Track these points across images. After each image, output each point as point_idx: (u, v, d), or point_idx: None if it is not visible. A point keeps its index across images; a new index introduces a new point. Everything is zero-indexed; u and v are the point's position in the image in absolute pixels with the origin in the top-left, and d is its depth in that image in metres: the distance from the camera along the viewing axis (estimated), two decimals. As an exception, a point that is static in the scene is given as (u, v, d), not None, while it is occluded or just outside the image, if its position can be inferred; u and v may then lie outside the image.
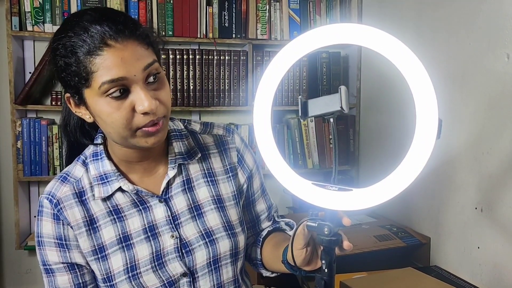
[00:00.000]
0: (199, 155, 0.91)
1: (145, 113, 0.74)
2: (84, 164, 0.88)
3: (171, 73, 2.09)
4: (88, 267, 0.86)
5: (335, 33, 0.62)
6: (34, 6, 1.95)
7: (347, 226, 0.68)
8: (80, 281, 0.86)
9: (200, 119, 2.26)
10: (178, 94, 2.11)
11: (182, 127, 0.93)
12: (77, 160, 0.89)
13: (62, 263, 0.84)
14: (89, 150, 0.89)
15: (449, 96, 1.54)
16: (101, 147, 0.87)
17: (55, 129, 2.02)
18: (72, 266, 0.85)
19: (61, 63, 0.74)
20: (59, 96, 2.05)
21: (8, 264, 2.19)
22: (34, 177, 2.02)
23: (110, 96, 0.72)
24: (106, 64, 0.70)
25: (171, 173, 0.87)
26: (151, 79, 0.75)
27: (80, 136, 0.89)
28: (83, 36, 0.71)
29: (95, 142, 0.88)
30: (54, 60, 0.75)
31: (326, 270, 0.69)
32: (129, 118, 0.74)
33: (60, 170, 2.02)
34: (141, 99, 0.73)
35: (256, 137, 0.70)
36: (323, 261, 0.69)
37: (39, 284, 2.21)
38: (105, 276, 0.84)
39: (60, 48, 0.73)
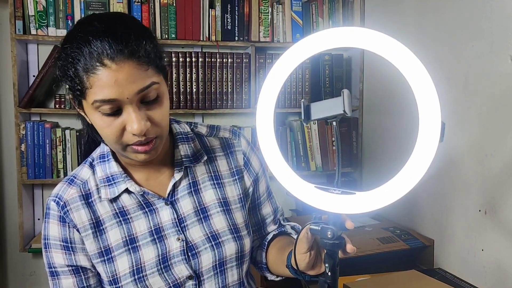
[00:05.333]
0: (205, 157, 0.92)
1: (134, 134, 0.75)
2: (91, 166, 0.89)
3: (174, 75, 2.10)
4: (94, 270, 0.87)
5: (338, 37, 0.62)
6: (38, 10, 1.96)
7: (350, 229, 0.68)
8: (85, 284, 0.86)
9: (203, 122, 2.26)
10: (181, 96, 2.11)
11: (189, 129, 0.93)
12: (85, 163, 0.90)
13: (67, 265, 0.85)
14: (96, 153, 0.90)
15: (453, 98, 1.54)
16: (108, 149, 0.88)
17: (59, 132, 2.03)
18: (77, 270, 0.85)
19: (61, 71, 0.75)
20: (63, 99, 2.06)
21: (12, 267, 2.20)
22: (38, 180, 2.02)
23: (102, 113, 0.73)
24: (100, 84, 0.70)
25: (177, 175, 0.87)
26: (147, 98, 0.75)
27: (92, 131, 0.90)
28: (84, 50, 0.71)
29: (102, 144, 0.89)
30: (57, 65, 0.77)
31: (329, 274, 0.69)
32: (118, 136, 0.75)
33: (64, 173, 2.03)
34: (131, 120, 0.73)
35: (259, 140, 0.71)
36: (327, 265, 0.69)
37: (43, 286, 2.22)
38: (111, 279, 0.84)
39: (63, 57, 0.74)
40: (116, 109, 0.73)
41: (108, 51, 0.70)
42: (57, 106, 2.06)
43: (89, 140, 0.95)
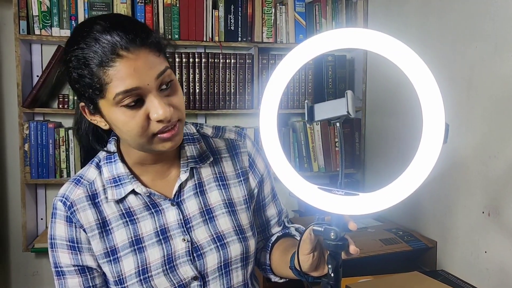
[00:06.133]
0: (211, 159, 0.92)
1: (159, 120, 0.74)
2: (98, 166, 0.89)
3: (177, 76, 2.10)
4: (99, 270, 0.87)
5: (342, 38, 0.62)
6: (42, 10, 1.97)
7: (353, 231, 0.68)
8: (90, 284, 0.86)
9: (206, 122, 2.27)
10: (184, 97, 2.11)
11: (195, 131, 0.94)
12: (91, 163, 0.90)
13: (73, 265, 0.85)
14: (103, 153, 0.89)
15: (456, 99, 1.54)
16: (115, 149, 0.88)
17: (62, 132, 2.03)
18: (83, 269, 0.86)
19: (74, 75, 0.74)
20: (66, 99, 2.07)
21: (15, 266, 2.21)
22: (41, 180, 2.03)
23: (125, 106, 0.73)
24: (120, 75, 0.70)
25: (183, 176, 0.88)
26: (164, 86, 0.75)
27: (92, 141, 0.89)
28: (94, 47, 0.71)
29: (108, 146, 0.89)
30: (68, 72, 0.76)
31: (332, 275, 0.69)
32: (144, 126, 0.74)
33: (67, 173, 2.04)
34: (155, 107, 0.73)
35: (262, 140, 0.71)
36: (329, 266, 0.69)
37: (46, 286, 2.22)
38: (116, 279, 0.85)
39: (73, 60, 0.73)
40: (137, 100, 0.73)
41: (121, 42, 0.70)
42: (60, 106, 2.07)
43: (85, 150, 0.92)
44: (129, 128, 0.75)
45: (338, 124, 0.65)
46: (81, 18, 2.01)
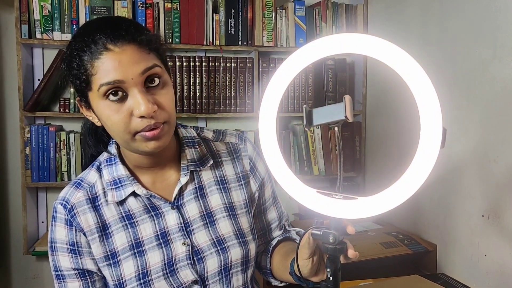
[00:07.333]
0: (211, 162, 0.92)
1: (142, 117, 0.74)
2: (98, 169, 0.89)
3: (178, 80, 2.11)
4: (99, 274, 0.87)
5: (340, 43, 0.62)
6: (43, 14, 1.98)
7: (351, 235, 0.69)
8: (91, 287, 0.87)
9: (206, 126, 2.27)
10: (185, 100, 2.12)
11: (195, 134, 0.94)
12: (92, 166, 0.90)
13: (74, 269, 0.85)
14: (104, 156, 0.90)
15: (456, 103, 1.54)
16: (115, 152, 0.88)
17: (63, 136, 2.04)
18: (83, 273, 0.86)
19: (66, 64, 0.78)
20: (67, 103, 2.07)
21: (16, 269, 2.21)
22: (42, 183, 2.03)
23: (109, 99, 0.74)
24: (104, 67, 0.72)
25: (183, 179, 0.87)
26: (153, 84, 0.76)
27: (94, 142, 0.91)
28: (87, 42, 0.74)
29: (109, 149, 0.90)
30: (63, 64, 0.79)
31: (331, 278, 0.69)
32: (127, 122, 0.75)
33: (68, 176, 2.04)
34: (138, 102, 0.73)
35: (261, 144, 0.71)
36: (328, 269, 0.69)
37: (46, 289, 2.22)
38: (116, 282, 0.85)
39: (68, 52, 0.77)
40: (122, 94, 0.74)
41: (110, 37, 0.73)
42: (61, 109, 2.07)
43: (87, 152, 0.94)
44: (112, 122, 0.76)
45: (336, 129, 0.65)
46: (82, 22, 2.01)
